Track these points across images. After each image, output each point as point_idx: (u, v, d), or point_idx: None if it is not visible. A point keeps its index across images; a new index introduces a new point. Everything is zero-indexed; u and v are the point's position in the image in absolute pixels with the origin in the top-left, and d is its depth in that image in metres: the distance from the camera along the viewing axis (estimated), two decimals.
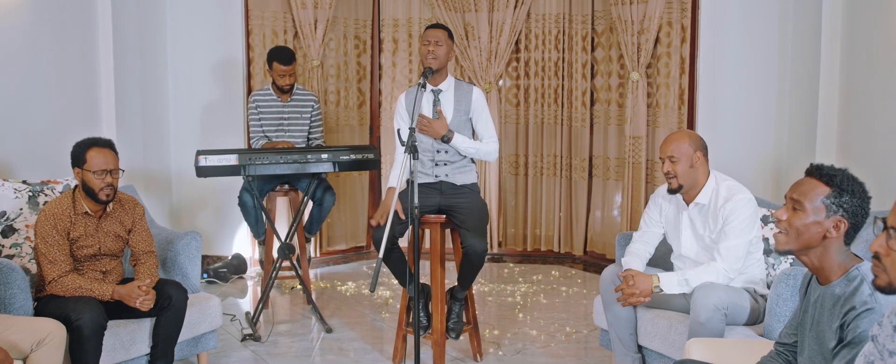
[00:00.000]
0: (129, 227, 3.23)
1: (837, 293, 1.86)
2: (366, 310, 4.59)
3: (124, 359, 3.15)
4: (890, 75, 3.61)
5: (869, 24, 3.83)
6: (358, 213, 5.97)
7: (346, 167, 4.13)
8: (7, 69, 3.88)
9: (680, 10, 5.03)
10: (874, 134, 3.76)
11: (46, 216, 3.03)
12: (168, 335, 3.20)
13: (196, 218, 5.49)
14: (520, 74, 5.82)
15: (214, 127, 5.37)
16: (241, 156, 3.96)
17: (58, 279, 2.98)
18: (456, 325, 3.54)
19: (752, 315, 2.94)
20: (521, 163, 5.90)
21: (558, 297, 4.89)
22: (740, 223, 2.90)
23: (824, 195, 1.89)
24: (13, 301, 2.95)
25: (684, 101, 5.06)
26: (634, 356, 3.18)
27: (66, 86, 4.32)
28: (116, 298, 3.02)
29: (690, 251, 3.11)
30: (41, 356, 2.67)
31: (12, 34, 3.91)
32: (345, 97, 5.81)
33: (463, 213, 3.39)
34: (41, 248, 3.00)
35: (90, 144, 3.06)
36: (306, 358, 3.76)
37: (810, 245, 1.90)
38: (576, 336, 4.10)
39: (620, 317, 3.15)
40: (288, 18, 5.52)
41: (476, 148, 3.52)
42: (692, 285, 2.90)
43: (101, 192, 3.03)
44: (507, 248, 5.96)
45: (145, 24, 5.05)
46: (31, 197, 3.50)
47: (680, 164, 3.02)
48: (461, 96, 3.52)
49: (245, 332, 4.05)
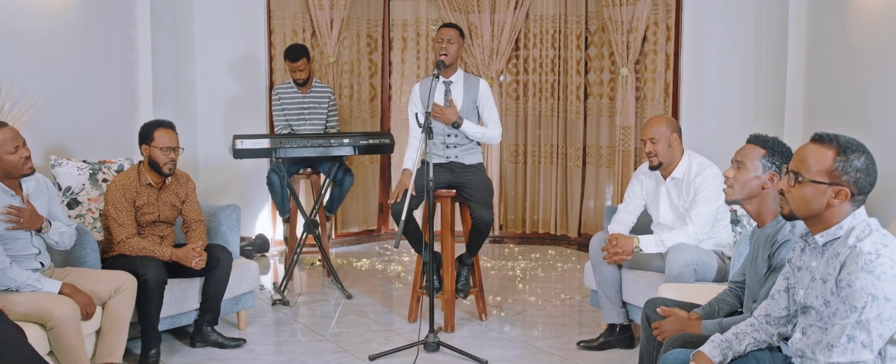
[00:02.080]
0: (183, 198, 3.72)
1: (769, 232, 2.37)
2: (380, 281, 5.09)
3: (178, 312, 3.64)
4: (846, 73, 4.12)
5: (828, 29, 4.34)
6: (369, 199, 6.46)
7: (364, 151, 4.62)
8: (64, 63, 4.36)
9: (665, 11, 5.54)
10: (833, 119, 4.26)
11: (116, 186, 3.51)
12: (215, 293, 3.68)
13: (221, 202, 5.96)
14: (519, 70, 6.31)
15: (238, 118, 5.84)
16: (272, 139, 4.45)
17: (125, 240, 3.47)
18: (464, 287, 4.04)
19: (720, 273, 3.43)
20: (521, 152, 6.39)
21: (554, 271, 5.39)
22: (708, 193, 3.40)
23: (761, 156, 2.40)
24: (86, 260, 3.44)
25: (669, 93, 5.56)
26: (619, 311, 3.68)
27: (111, 79, 4.80)
28: (174, 259, 3.51)
29: (667, 219, 3.61)
30: (118, 302, 3.16)
31: (66, 32, 4.38)
32: (357, 91, 6.30)
33: (472, 189, 3.89)
34: (111, 212, 3.49)
35: (157, 125, 3.55)
36: (330, 318, 4.25)
37: (752, 195, 2.41)
38: (570, 301, 4.60)
39: (607, 276, 3.65)
40: (306, 18, 6.00)
41: (482, 133, 4.01)
42: (667, 245, 3.39)
43: (165, 166, 3.52)
44: (508, 231, 6.45)
45: (178, 24, 5.54)
46: (91, 174, 3.99)
47: (659, 144, 3.52)
48: (469, 87, 4.01)
49: (275, 297, 4.54)
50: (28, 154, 3.00)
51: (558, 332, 4.01)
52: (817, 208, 1.85)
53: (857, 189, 1.82)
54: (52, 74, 4.21)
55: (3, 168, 2.96)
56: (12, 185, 3.02)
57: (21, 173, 3.00)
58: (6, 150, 2.94)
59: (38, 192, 3.16)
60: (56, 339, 2.83)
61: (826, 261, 1.86)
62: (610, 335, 3.69)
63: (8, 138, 2.95)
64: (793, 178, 1.86)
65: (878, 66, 3.79)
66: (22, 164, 2.98)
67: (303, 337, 3.91)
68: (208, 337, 3.71)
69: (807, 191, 1.84)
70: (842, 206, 1.83)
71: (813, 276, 1.90)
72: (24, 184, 3.08)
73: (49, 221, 3.12)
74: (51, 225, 3.12)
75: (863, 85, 3.95)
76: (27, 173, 3.01)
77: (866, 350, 1.74)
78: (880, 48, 3.78)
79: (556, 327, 4.09)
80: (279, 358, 3.61)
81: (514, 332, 4.00)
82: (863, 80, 3.96)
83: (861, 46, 3.97)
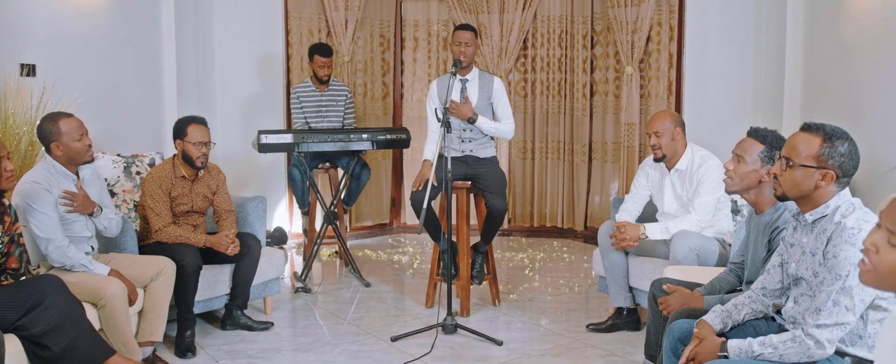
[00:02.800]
0: (214, 189, 3.95)
1: (766, 220, 2.59)
2: (395, 271, 5.31)
3: (210, 296, 3.87)
4: (840, 69, 4.34)
5: (823, 29, 4.56)
6: (382, 194, 6.69)
7: (382, 145, 4.84)
8: (97, 63, 4.60)
9: (668, 12, 5.76)
10: (828, 112, 4.48)
11: (153, 178, 3.74)
12: (245, 279, 3.91)
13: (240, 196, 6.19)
14: (527, 69, 6.53)
15: (256, 115, 6.06)
16: (295, 134, 4.67)
17: (162, 228, 3.69)
18: (479, 273, 4.27)
19: (721, 259, 3.64)
20: (529, 148, 6.62)
21: (562, 262, 5.62)
22: (710, 183, 3.62)
23: (759, 150, 2.62)
24: (125, 246, 3.67)
25: (672, 91, 5.79)
26: (626, 295, 3.90)
27: (139, 78, 5.03)
28: (208, 245, 3.73)
29: (671, 208, 3.83)
30: (158, 285, 3.39)
31: (98, 34, 4.61)
32: (371, 89, 6.53)
33: (487, 180, 4.11)
34: (149, 202, 3.71)
35: (190, 121, 3.78)
36: (351, 304, 4.47)
37: (750, 187, 2.63)
38: (578, 289, 4.82)
39: (615, 262, 3.87)
40: (322, 19, 6.23)
41: (496, 128, 4.24)
42: (671, 232, 3.62)
43: (198, 159, 3.75)
44: (516, 224, 6.68)
45: (199, 26, 5.77)
46: (125, 167, 4.22)
47: (663, 137, 3.74)
48: (484, 85, 4.24)
49: (297, 285, 4.76)
50: (90, 143, 3.25)
51: (568, 316, 4.24)
52: (807, 189, 2.07)
53: (842, 172, 2.04)
54: (87, 73, 4.45)
55: (68, 154, 3.20)
56: (72, 171, 3.26)
57: (84, 160, 3.25)
58: (72, 138, 3.19)
59: (93, 179, 3.40)
60: (106, 317, 3.06)
61: (815, 236, 2.09)
62: (618, 318, 3.91)
63: (74, 127, 3.20)
64: (785, 162, 2.09)
65: (870, 63, 4.02)
66: (85, 151, 3.23)
67: (326, 321, 4.14)
68: (238, 320, 3.93)
69: (797, 174, 2.06)
70: (828, 187, 2.06)
71: (804, 251, 2.13)
72: (81, 171, 3.32)
73: (100, 207, 3.36)
74: (101, 210, 3.36)
75: (855, 80, 4.17)
76: (89, 160, 3.27)
77: (849, 313, 1.96)
78: (871, 47, 4.00)
79: (566, 312, 4.32)
80: (305, 339, 3.83)
81: (526, 316, 4.22)
82: (855, 76, 4.18)
83: (854, 45, 4.20)
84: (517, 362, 3.50)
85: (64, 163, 3.24)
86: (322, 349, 3.68)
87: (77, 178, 3.32)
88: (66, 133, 3.20)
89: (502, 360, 3.52)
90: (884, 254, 1.36)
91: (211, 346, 3.71)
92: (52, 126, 3.21)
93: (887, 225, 1.38)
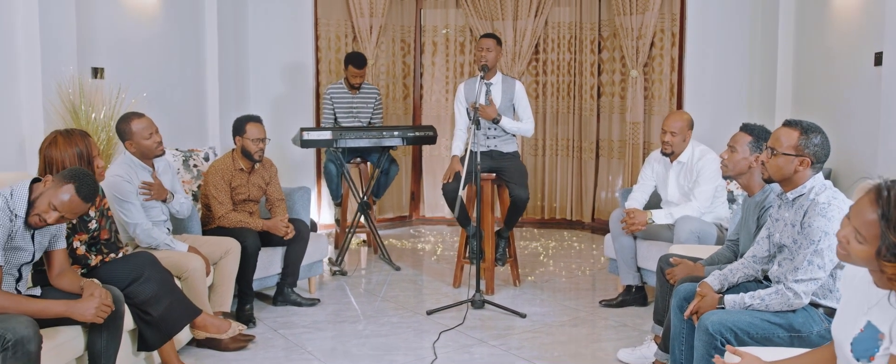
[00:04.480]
0: (267, 180, 4.43)
1: (757, 200, 3.07)
2: (420, 257, 5.80)
3: (265, 275, 4.34)
4: (825, 72, 4.84)
5: (810, 37, 5.06)
6: (402, 189, 7.16)
7: (411, 142, 5.32)
8: (154, 66, 5.07)
9: (671, 20, 6.25)
10: (814, 110, 4.98)
11: (215, 170, 4.22)
12: (295, 259, 4.38)
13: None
14: (538, 72, 7.01)
15: (286, 116, 6.50)
16: (333, 131, 5.15)
17: (225, 215, 4.17)
18: (502, 256, 4.76)
19: (719, 241, 4.11)
20: (540, 146, 7.09)
21: (573, 249, 6.11)
22: (708, 174, 4.11)
23: (749, 141, 3.10)
24: (191, 229, 4.14)
25: (674, 93, 6.28)
26: (635, 274, 4.38)
27: (186, 81, 5.51)
28: (265, 229, 4.21)
29: (674, 197, 4.31)
30: (226, 263, 3.86)
31: (155, 42, 5.09)
32: (393, 91, 7.00)
33: (510, 172, 4.60)
34: (212, 192, 4.19)
35: (248, 119, 4.25)
36: (383, 284, 4.95)
37: (741, 172, 3.12)
38: (589, 272, 5.31)
39: (624, 245, 4.35)
40: (348, 24, 6.71)
41: (517, 126, 4.72)
42: (675, 217, 4.10)
43: (256, 154, 4.23)
44: (528, 217, 7.16)
45: (238, 34, 6.25)
46: (184, 160, 4.69)
47: (676, 136, 4.22)
48: (507, 88, 4.72)
49: (334, 268, 5.24)
50: (160, 139, 3.71)
51: (582, 294, 4.72)
52: (788, 173, 2.55)
53: (816, 159, 2.52)
54: (144, 77, 4.92)
55: (140, 150, 3.67)
56: (148, 164, 3.73)
57: (154, 154, 3.71)
58: (143, 136, 3.65)
59: (166, 170, 3.87)
60: (188, 287, 3.54)
61: (794, 211, 2.57)
62: (627, 294, 4.40)
63: (145, 126, 3.66)
64: (770, 152, 2.57)
65: (850, 67, 4.52)
66: (155, 147, 3.69)
67: (365, 298, 4.62)
68: (289, 297, 4.41)
69: (780, 161, 2.54)
70: (805, 171, 2.54)
71: (786, 223, 2.61)
72: (155, 163, 3.79)
73: (172, 193, 3.83)
74: (174, 196, 3.83)
75: (838, 82, 4.68)
76: (159, 155, 3.73)
77: (821, 270, 2.44)
78: (852, 53, 4.50)
79: (580, 290, 4.81)
80: (350, 313, 4.31)
81: (545, 294, 4.71)
82: (837, 77, 4.69)
83: (837, 51, 4.71)
84: (540, 331, 3.98)
85: (138, 157, 3.70)
86: (367, 321, 4.16)
87: (152, 170, 3.79)
88: (137, 132, 3.65)
89: (527, 330, 4.00)
90: (853, 245, 1.69)
91: (267, 319, 4.19)
92: (125, 126, 3.66)
93: (855, 224, 1.67)
